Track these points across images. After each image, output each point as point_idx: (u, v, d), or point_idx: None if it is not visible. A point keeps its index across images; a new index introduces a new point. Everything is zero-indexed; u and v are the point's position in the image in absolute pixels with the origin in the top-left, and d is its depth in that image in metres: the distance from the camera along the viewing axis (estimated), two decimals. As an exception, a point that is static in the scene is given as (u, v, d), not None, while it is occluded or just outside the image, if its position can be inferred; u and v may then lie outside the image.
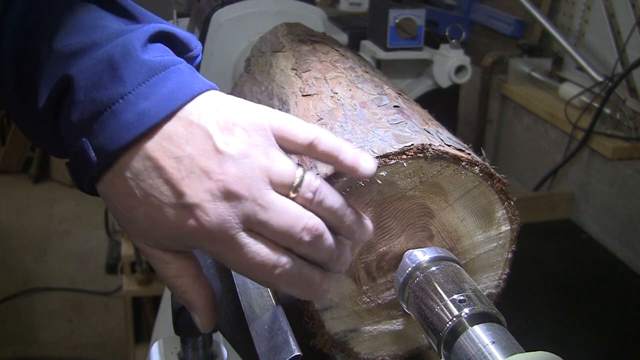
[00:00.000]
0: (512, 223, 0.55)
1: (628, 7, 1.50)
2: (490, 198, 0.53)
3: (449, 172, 0.52)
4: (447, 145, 0.52)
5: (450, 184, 0.52)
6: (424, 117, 0.59)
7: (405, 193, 0.52)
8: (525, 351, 0.42)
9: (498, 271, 0.57)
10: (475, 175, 0.52)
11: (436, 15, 2.13)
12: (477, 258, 0.56)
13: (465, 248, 0.55)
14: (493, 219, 0.54)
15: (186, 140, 0.41)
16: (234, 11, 0.94)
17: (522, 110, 1.84)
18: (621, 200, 1.46)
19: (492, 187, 0.53)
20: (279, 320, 0.48)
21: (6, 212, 3.39)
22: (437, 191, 0.52)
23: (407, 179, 0.51)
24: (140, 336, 2.34)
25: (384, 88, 0.63)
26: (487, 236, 0.55)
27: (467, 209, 0.53)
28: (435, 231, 0.54)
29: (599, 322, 1.21)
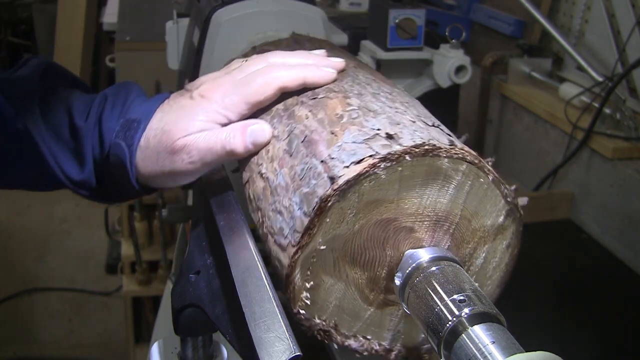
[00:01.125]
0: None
1: (628, 7, 1.50)
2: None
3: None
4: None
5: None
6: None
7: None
8: (525, 351, 0.42)
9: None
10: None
11: (436, 15, 2.13)
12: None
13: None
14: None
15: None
16: (234, 11, 0.94)
17: (522, 110, 1.84)
18: (621, 200, 1.46)
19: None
20: (279, 320, 0.48)
21: (6, 212, 3.39)
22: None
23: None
24: (140, 336, 2.35)
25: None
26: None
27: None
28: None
29: (599, 322, 1.22)
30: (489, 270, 0.57)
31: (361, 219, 0.51)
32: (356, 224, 0.52)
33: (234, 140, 0.59)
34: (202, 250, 0.61)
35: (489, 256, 0.56)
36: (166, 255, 2.20)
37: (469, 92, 2.03)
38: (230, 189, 0.65)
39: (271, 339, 0.47)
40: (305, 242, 0.50)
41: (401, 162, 0.49)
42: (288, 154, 0.57)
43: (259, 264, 0.54)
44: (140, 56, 1.87)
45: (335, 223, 0.51)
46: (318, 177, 0.51)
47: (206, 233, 0.63)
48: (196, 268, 0.60)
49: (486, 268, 0.56)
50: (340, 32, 1.34)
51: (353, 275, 0.54)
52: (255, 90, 0.60)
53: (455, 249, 0.54)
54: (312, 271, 0.52)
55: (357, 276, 0.54)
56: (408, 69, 1.27)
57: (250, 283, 0.52)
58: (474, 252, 0.55)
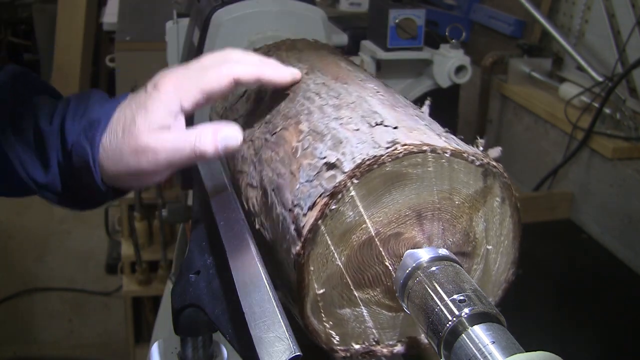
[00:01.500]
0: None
1: (628, 7, 1.50)
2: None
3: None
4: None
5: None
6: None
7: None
8: (525, 351, 0.42)
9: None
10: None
11: (436, 15, 2.13)
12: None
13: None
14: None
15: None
16: (234, 11, 0.94)
17: (522, 110, 1.84)
18: (621, 200, 1.46)
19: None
20: (279, 321, 0.48)
21: (6, 212, 3.39)
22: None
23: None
24: (140, 336, 2.35)
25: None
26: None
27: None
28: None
29: (599, 322, 1.22)
30: (496, 228, 0.56)
31: (343, 250, 0.52)
32: (341, 256, 0.52)
33: (204, 143, 0.58)
34: (202, 250, 0.61)
35: (489, 217, 0.55)
36: (166, 255, 2.20)
37: (469, 92, 2.03)
38: (230, 189, 0.65)
39: (271, 339, 0.47)
40: (304, 294, 0.52)
41: (349, 187, 0.49)
42: (266, 206, 0.58)
43: (259, 264, 0.54)
44: (140, 56, 1.87)
45: (321, 267, 0.51)
46: (289, 231, 0.53)
47: (206, 233, 0.63)
48: (196, 268, 0.60)
49: (492, 228, 0.55)
50: (340, 32, 1.34)
51: (366, 297, 0.54)
52: (211, 79, 0.60)
53: (452, 228, 0.54)
54: (325, 313, 0.53)
55: (370, 295, 0.54)
56: (408, 69, 1.27)
57: (250, 283, 0.52)
58: (472, 221, 0.54)
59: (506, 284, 0.57)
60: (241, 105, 0.74)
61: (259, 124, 0.66)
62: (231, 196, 0.64)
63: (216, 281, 0.57)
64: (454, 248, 0.54)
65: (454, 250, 0.54)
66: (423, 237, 0.53)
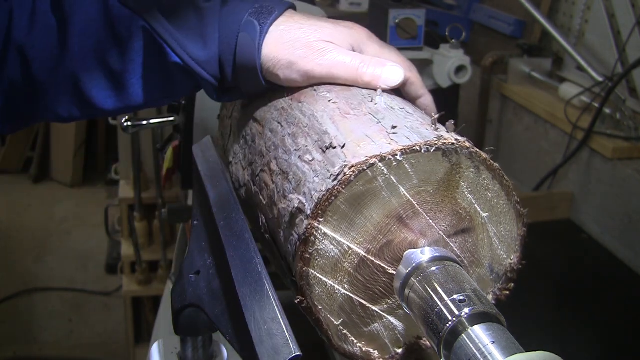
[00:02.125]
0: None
1: (628, 7, 1.50)
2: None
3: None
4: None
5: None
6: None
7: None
8: (525, 351, 0.42)
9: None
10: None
11: (436, 15, 2.13)
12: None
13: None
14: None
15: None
16: (234, 11, 0.94)
17: (522, 110, 1.84)
18: (621, 200, 1.46)
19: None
20: (279, 320, 0.48)
21: (6, 212, 3.39)
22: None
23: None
24: (140, 336, 2.35)
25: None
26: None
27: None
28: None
29: (599, 322, 1.22)
30: (484, 194, 0.55)
31: (342, 279, 0.52)
32: (343, 285, 0.53)
33: (368, 67, 0.60)
34: (202, 250, 0.61)
35: (472, 188, 0.54)
36: (166, 255, 2.20)
37: (469, 92, 2.03)
38: (230, 188, 0.65)
39: (271, 339, 0.47)
40: (325, 330, 0.53)
41: (318, 226, 0.50)
42: (272, 253, 0.59)
43: (259, 264, 0.54)
44: (140, 56, 1.87)
45: (328, 302, 0.52)
46: (288, 280, 0.54)
47: (206, 233, 0.63)
48: (196, 268, 0.60)
49: (480, 197, 0.54)
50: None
51: (386, 307, 0.55)
52: (395, 61, 0.62)
53: (439, 215, 0.53)
54: (354, 336, 0.54)
55: (390, 303, 0.55)
56: (408, 69, 1.27)
57: (250, 283, 0.52)
58: (456, 200, 0.53)
59: (522, 237, 0.57)
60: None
61: (244, 164, 0.67)
62: (231, 196, 0.64)
63: (216, 281, 0.57)
64: (451, 230, 0.54)
65: (452, 232, 0.54)
66: (415, 235, 0.53)
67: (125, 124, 1.14)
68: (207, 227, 0.64)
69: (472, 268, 0.56)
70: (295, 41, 0.60)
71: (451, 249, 0.55)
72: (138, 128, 1.14)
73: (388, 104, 0.59)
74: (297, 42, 0.60)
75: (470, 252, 0.56)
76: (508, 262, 0.58)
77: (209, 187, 0.67)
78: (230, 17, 0.62)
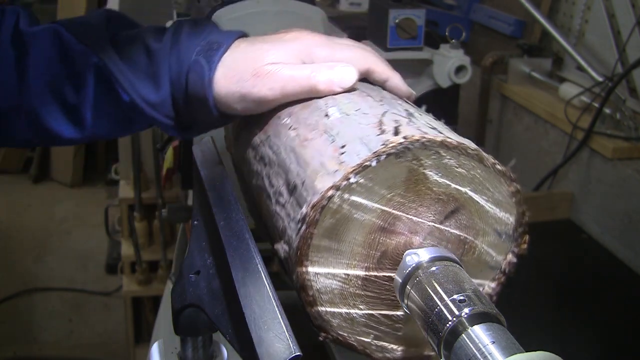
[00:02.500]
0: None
1: (628, 7, 1.50)
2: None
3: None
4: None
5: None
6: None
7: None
8: (525, 351, 0.42)
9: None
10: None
11: (436, 15, 2.13)
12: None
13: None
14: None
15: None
16: (234, 11, 0.94)
17: (522, 110, 1.84)
18: (621, 200, 1.46)
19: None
20: (279, 320, 0.48)
21: (6, 212, 3.39)
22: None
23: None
24: (140, 336, 2.35)
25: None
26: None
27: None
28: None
29: (599, 322, 1.22)
30: (458, 173, 0.53)
31: (355, 303, 0.53)
32: (358, 308, 0.53)
33: (317, 75, 0.59)
34: (202, 250, 0.61)
35: (443, 173, 0.52)
36: (166, 255, 2.20)
37: (469, 92, 2.03)
38: (230, 188, 0.65)
39: (271, 339, 0.47)
40: (363, 352, 0.53)
41: (309, 272, 0.50)
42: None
43: (259, 264, 0.54)
44: (140, 56, 1.87)
45: (351, 327, 0.53)
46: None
47: (206, 233, 0.63)
48: (196, 268, 0.60)
49: (455, 177, 0.53)
50: (340, 32, 1.34)
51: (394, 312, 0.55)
52: (347, 57, 0.61)
53: (421, 209, 0.52)
54: (390, 342, 0.54)
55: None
56: (408, 69, 1.27)
57: (250, 283, 0.52)
58: (431, 190, 0.52)
59: (514, 192, 0.55)
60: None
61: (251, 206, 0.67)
62: (231, 196, 0.64)
63: (216, 281, 0.57)
64: (440, 217, 0.53)
65: (442, 217, 0.53)
66: (406, 235, 0.53)
67: (125, 124, 1.13)
68: (207, 227, 0.64)
69: (479, 239, 0.55)
70: (243, 72, 0.60)
71: (448, 232, 0.54)
72: (138, 128, 1.14)
73: (343, 111, 0.57)
74: (245, 73, 0.60)
75: (469, 226, 0.54)
76: (511, 220, 0.56)
77: (209, 187, 0.67)
78: (180, 57, 0.62)
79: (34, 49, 0.64)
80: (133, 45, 0.64)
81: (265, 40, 0.63)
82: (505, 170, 0.53)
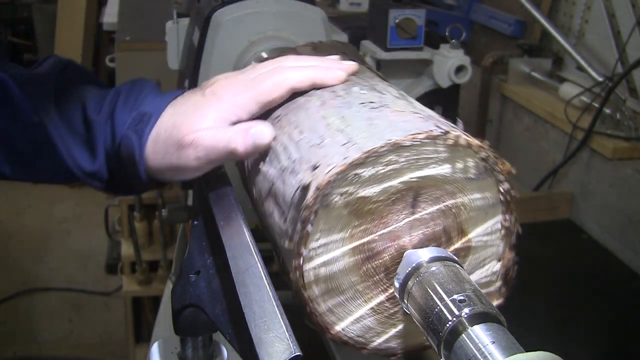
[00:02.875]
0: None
1: (628, 7, 1.50)
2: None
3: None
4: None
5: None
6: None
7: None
8: (525, 351, 0.42)
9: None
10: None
11: (436, 15, 2.13)
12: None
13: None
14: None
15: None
16: (234, 11, 0.94)
17: (522, 110, 1.84)
18: (621, 200, 1.46)
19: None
20: (279, 320, 0.48)
21: (6, 212, 3.39)
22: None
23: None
24: (140, 336, 2.34)
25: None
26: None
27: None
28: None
29: (599, 322, 1.22)
30: (441, 167, 0.52)
31: (391, 323, 0.54)
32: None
33: (236, 140, 0.59)
34: (202, 250, 0.61)
35: (425, 168, 0.51)
36: (166, 255, 2.20)
37: (469, 92, 2.03)
38: (230, 188, 0.65)
39: (271, 339, 0.47)
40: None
41: (318, 309, 0.51)
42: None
43: (259, 264, 0.54)
44: (140, 56, 1.87)
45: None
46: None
47: (206, 233, 0.63)
48: (196, 268, 0.60)
49: (438, 169, 0.52)
50: (340, 32, 1.34)
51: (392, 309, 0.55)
52: (266, 90, 0.61)
53: (393, 216, 0.52)
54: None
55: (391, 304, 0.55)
56: (408, 69, 1.27)
57: (250, 283, 0.52)
58: (420, 189, 0.52)
59: (449, 140, 0.52)
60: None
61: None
62: (231, 196, 0.64)
63: (216, 281, 0.57)
64: (408, 209, 0.52)
65: (410, 208, 0.52)
66: (393, 245, 0.53)
67: (125, 124, 1.13)
68: (207, 227, 0.64)
69: (459, 196, 0.53)
70: (169, 146, 0.61)
71: (427, 214, 0.52)
72: (138, 128, 1.14)
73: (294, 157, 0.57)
74: (170, 146, 0.61)
75: (441, 194, 0.53)
76: (471, 160, 0.53)
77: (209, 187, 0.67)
78: (114, 130, 0.64)
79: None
80: (75, 111, 0.66)
81: (189, 101, 0.63)
82: (415, 136, 0.50)
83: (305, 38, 0.94)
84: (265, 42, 0.94)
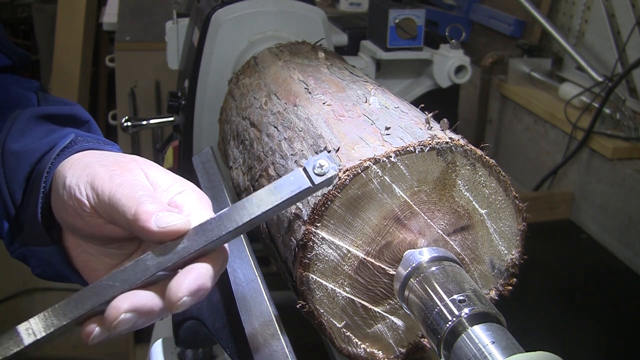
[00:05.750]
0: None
1: (628, 7, 1.50)
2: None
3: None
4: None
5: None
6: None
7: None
8: (525, 351, 0.42)
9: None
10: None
11: (436, 15, 2.13)
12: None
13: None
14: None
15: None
16: (233, 11, 0.94)
17: (522, 110, 1.84)
18: (621, 200, 1.46)
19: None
20: (278, 336, 0.48)
21: (6, 212, 3.38)
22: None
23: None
24: (140, 336, 2.34)
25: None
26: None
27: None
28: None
29: (599, 321, 1.21)
30: (482, 191, 0.55)
31: (342, 282, 0.53)
32: (344, 288, 0.53)
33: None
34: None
35: (470, 186, 0.54)
36: (166, 255, 2.19)
37: (469, 92, 2.03)
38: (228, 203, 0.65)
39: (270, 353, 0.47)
40: (328, 334, 0.53)
41: (316, 231, 0.50)
42: (272, 255, 0.62)
43: (259, 278, 0.54)
44: (140, 56, 1.87)
45: (330, 305, 0.53)
46: (290, 284, 0.54)
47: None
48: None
49: (478, 194, 0.54)
50: (340, 32, 1.34)
51: (389, 307, 0.55)
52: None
53: (437, 214, 0.54)
54: (357, 337, 0.55)
55: (392, 304, 0.55)
56: (408, 69, 1.27)
57: (250, 297, 0.52)
58: (453, 198, 0.54)
59: (522, 232, 0.57)
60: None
61: (244, 169, 0.68)
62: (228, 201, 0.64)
63: (216, 295, 0.58)
64: (450, 228, 0.54)
65: (450, 230, 0.54)
66: (414, 235, 0.53)
67: (125, 124, 1.13)
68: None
69: (474, 265, 0.56)
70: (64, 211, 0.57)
71: (451, 247, 0.55)
72: (138, 128, 1.14)
73: (382, 104, 0.59)
74: (67, 213, 0.57)
75: (471, 249, 0.56)
76: (509, 258, 0.58)
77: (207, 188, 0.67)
78: (13, 173, 0.62)
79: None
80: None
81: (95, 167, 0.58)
82: (522, 207, 0.55)
83: (305, 38, 0.94)
84: (265, 42, 0.94)
